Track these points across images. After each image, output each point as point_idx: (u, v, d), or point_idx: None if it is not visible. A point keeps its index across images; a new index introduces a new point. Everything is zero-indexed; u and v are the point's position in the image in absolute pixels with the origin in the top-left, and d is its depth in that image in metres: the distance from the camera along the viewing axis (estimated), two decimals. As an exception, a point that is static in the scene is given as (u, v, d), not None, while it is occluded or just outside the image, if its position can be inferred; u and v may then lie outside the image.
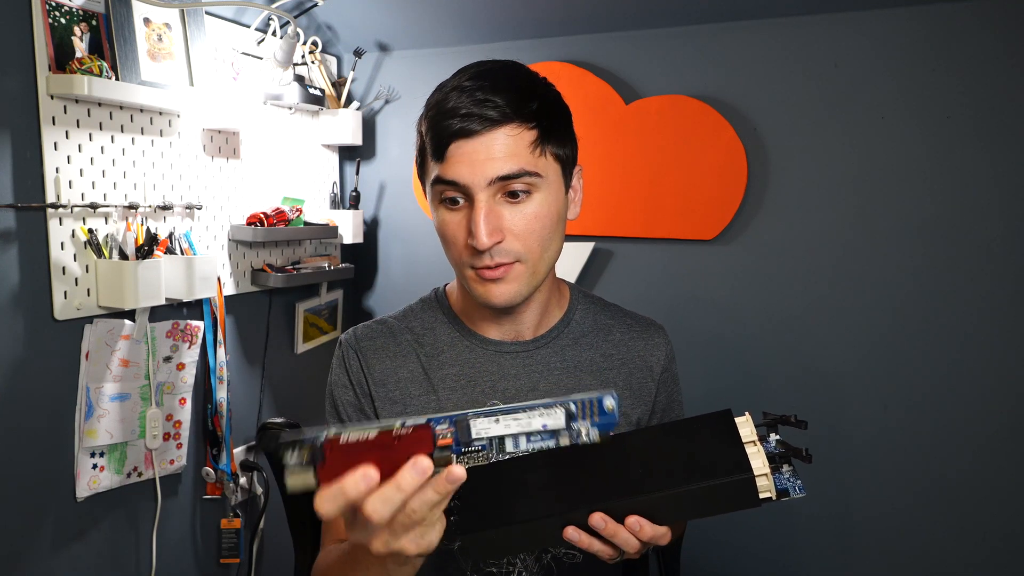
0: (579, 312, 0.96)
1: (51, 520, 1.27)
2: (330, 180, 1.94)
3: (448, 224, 0.81)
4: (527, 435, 0.57)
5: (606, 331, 0.96)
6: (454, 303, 0.95)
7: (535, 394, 0.89)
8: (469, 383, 0.90)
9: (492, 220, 0.77)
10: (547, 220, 0.81)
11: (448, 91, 0.79)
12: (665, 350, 0.97)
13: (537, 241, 0.81)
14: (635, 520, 0.66)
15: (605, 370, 0.93)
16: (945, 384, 1.47)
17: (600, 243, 1.73)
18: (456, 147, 0.77)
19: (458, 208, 0.80)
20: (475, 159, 0.76)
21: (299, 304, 1.83)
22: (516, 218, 0.79)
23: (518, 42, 1.78)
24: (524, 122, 0.78)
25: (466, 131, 0.76)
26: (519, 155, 0.77)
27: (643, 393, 0.94)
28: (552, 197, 0.81)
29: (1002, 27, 1.37)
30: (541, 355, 0.91)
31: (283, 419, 1.20)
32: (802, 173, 1.55)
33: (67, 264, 1.25)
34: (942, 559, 1.50)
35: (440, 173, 0.79)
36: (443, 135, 0.77)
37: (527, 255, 0.81)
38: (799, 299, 1.57)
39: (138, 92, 1.28)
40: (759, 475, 0.65)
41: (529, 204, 0.79)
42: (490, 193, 0.78)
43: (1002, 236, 1.40)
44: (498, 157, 0.76)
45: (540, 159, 0.79)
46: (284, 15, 1.56)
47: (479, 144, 0.76)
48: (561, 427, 0.57)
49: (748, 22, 1.55)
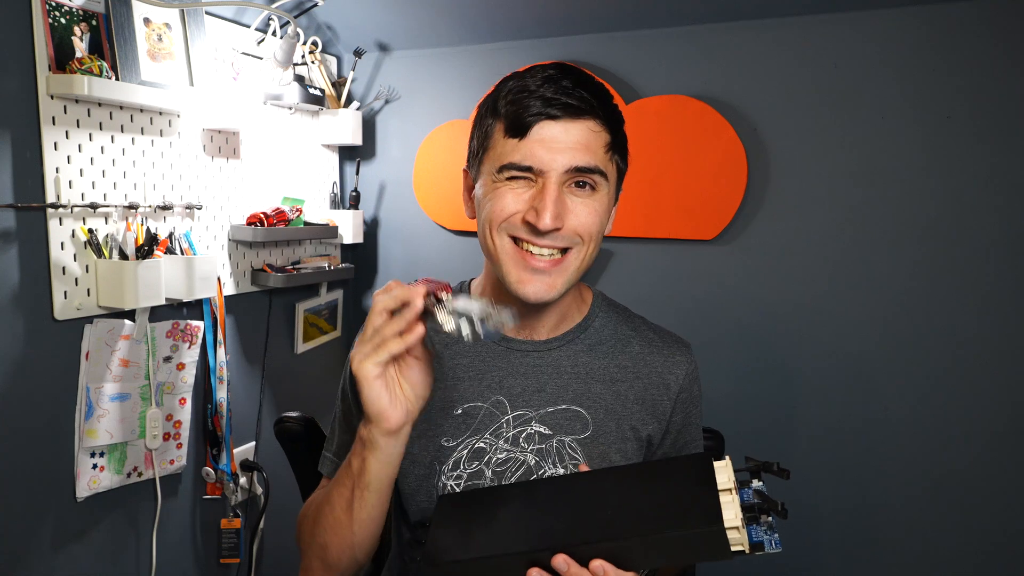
0: (599, 320, 0.95)
1: (51, 520, 1.27)
2: (330, 180, 1.94)
3: (504, 196, 0.81)
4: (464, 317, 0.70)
5: (624, 342, 0.94)
6: (477, 295, 0.95)
7: (541, 395, 0.89)
8: (477, 375, 0.90)
9: (560, 204, 0.79)
10: (602, 220, 0.83)
11: (531, 77, 0.80)
12: (686, 369, 0.94)
13: (589, 237, 0.82)
14: (599, 565, 0.65)
15: (618, 381, 0.91)
16: (945, 384, 1.47)
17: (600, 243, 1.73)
18: (540, 127, 0.78)
19: (520, 185, 0.80)
20: (556, 144, 0.78)
21: (299, 304, 1.83)
22: (578, 209, 0.81)
23: (518, 42, 1.78)
24: (604, 122, 0.81)
25: (552, 115, 0.78)
26: (596, 151, 0.80)
27: (657, 410, 0.92)
28: (609, 200, 0.84)
29: (1002, 27, 1.37)
30: (553, 357, 0.91)
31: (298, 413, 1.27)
32: (802, 173, 1.55)
33: (67, 264, 1.25)
34: (943, 558, 1.50)
35: (516, 155, 0.79)
36: (528, 112, 0.78)
37: (578, 248, 0.82)
38: (799, 299, 1.57)
39: (138, 92, 1.28)
40: (730, 528, 0.62)
41: (592, 200, 0.81)
42: (563, 180, 0.79)
43: (1002, 236, 1.40)
44: (581, 147, 0.78)
45: (610, 162, 0.82)
46: (284, 15, 1.56)
47: (562, 130, 0.78)
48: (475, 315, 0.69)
49: (748, 22, 1.55)
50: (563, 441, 0.89)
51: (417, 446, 0.90)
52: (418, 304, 0.70)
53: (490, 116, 0.84)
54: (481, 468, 0.88)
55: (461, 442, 0.89)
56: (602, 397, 0.90)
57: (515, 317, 0.74)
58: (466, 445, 0.89)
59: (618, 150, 0.84)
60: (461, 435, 0.89)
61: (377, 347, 0.70)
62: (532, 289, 0.81)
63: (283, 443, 1.26)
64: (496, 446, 0.88)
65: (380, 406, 0.72)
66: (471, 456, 0.89)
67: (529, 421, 0.89)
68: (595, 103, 0.79)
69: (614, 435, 0.89)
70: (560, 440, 0.89)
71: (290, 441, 1.25)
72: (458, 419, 0.90)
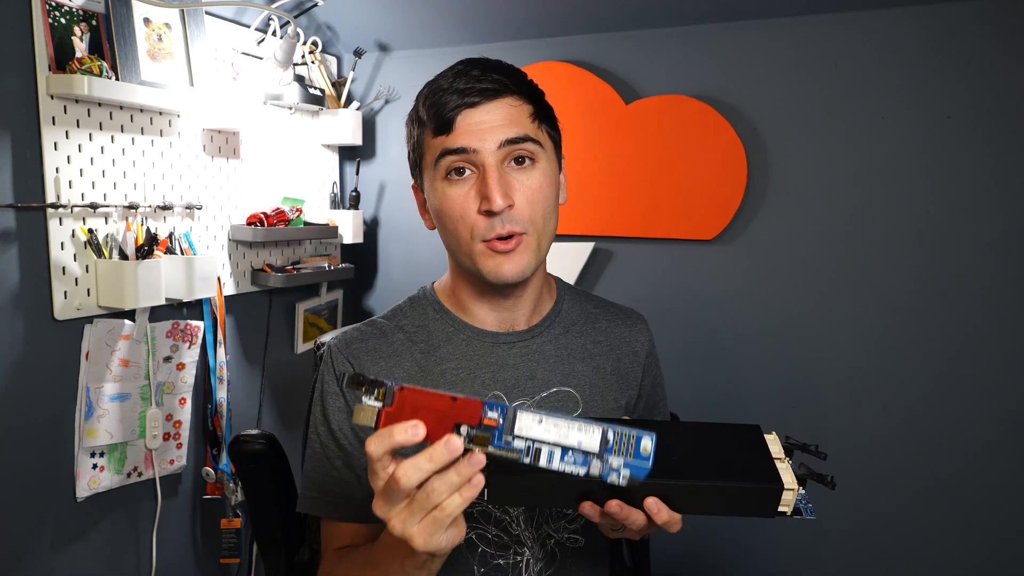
0: (567, 302, 0.98)
1: (51, 520, 1.27)
2: (330, 180, 1.94)
3: (455, 198, 0.83)
4: (562, 448, 0.57)
5: (593, 319, 0.98)
6: (446, 299, 0.95)
7: (533, 383, 0.90)
8: (469, 375, 0.90)
9: (504, 183, 0.81)
10: (549, 191, 0.85)
11: (442, 78, 0.84)
12: (648, 336, 1.01)
13: (541, 211, 0.84)
14: (654, 502, 0.66)
15: (596, 356, 0.95)
16: (945, 384, 1.47)
17: (600, 243, 1.73)
18: (463, 117, 0.81)
19: (465, 179, 0.82)
20: (482, 127, 0.81)
21: (299, 304, 1.83)
22: (523, 184, 0.82)
23: (518, 42, 1.78)
24: (522, 95, 0.84)
25: (471, 102, 0.81)
26: (522, 123, 0.82)
27: (631, 378, 0.97)
28: (551, 169, 0.86)
29: (1002, 27, 1.37)
30: (536, 344, 0.92)
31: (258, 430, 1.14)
32: (802, 173, 1.55)
33: (67, 264, 1.25)
34: (942, 559, 1.50)
35: (448, 144, 0.82)
36: (447, 108, 0.81)
37: (533, 226, 0.83)
38: (799, 299, 1.57)
39: (138, 92, 1.28)
40: (788, 489, 0.67)
41: (534, 172, 0.83)
42: (499, 158, 0.81)
43: (1002, 236, 1.40)
44: (506, 122, 0.81)
45: (539, 130, 0.85)
46: (284, 15, 1.56)
47: (484, 112, 0.81)
48: (595, 451, 0.56)
49: (748, 22, 1.55)
50: None
51: None
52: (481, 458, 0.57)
53: (416, 126, 0.88)
54: None
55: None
56: (585, 374, 0.93)
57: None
58: None
59: (544, 119, 0.86)
60: None
61: (436, 520, 0.58)
62: (509, 268, 0.83)
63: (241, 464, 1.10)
64: None
65: (450, 546, 0.62)
66: None
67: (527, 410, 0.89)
68: (508, 82, 0.82)
69: (600, 408, 0.92)
70: None
71: (250, 462, 1.09)
72: None
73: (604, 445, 0.56)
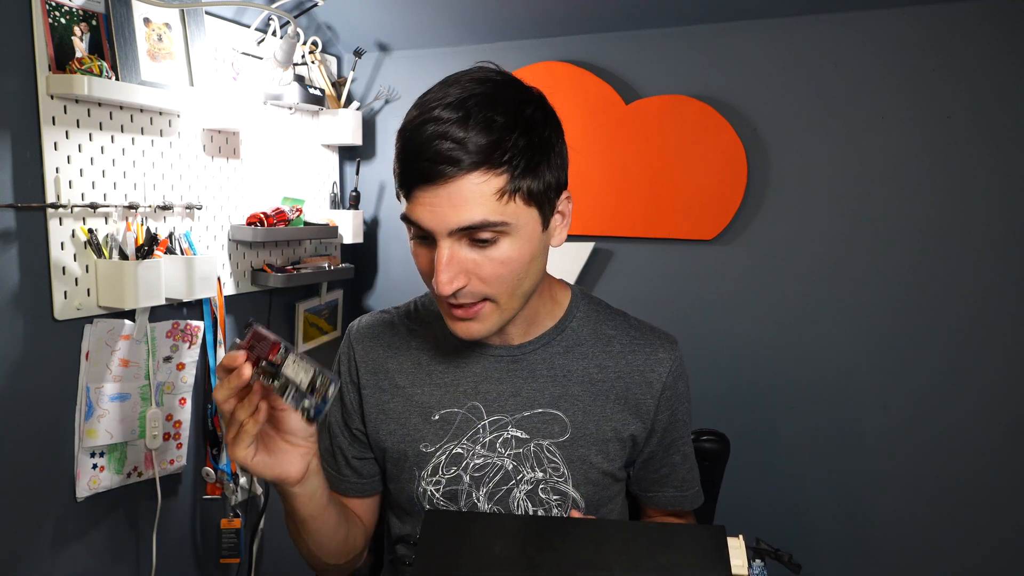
0: (577, 320, 0.93)
1: (51, 520, 1.27)
2: (330, 180, 1.94)
3: (418, 256, 0.80)
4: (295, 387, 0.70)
5: (605, 341, 0.92)
6: None
7: (516, 400, 0.89)
8: (453, 381, 0.91)
9: (453, 267, 0.75)
10: (516, 264, 0.77)
11: (421, 121, 0.74)
12: (670, 366, 0.91)
13: (505, 284, 0.78)
14: None
15: (599, 381, 0.90)
16: (945, 384, 1.47)
17: (600, 243, 1.73)
18: (420, 191, 0.74)
19: (427, 244, 0.78)
20: (437, 207, 0.73)
21: (299, 304, 1.82)
22: (482, 263, 0.76)
23: (518, 42, 1.78)
24: (493, 168, 0.73)
25: (429, 178, 0.73)
26: (484, 204, 0.73)
27: (640, 410, 0.90)
28: (523, 241, 0.77)
29: (1002, 27, 1.37)
30: (528, 361, 0.90)
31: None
32: (802, 173, 1.55)
33: (67, 264, 1.25)
34: (942, 559, 1.50)
35: (406, 212, 0.77)
36: (408, 176, 0.75)
37: (496, 296, 0.79)
38: (799, 299, 1.57)
39: (138, 92, 1.28)
40: None
41: (496, 250, 0.76)
42: (453, 240, 0.75)
43: (1002, 236, 1.40)
44: (461, 206, 0.73)
45: (508, 206, 0.74)
46: (284, 15, 1.56)
47: (443, 192, 0.73)
48: (305, 386, 0.70)
49: (748, 22, 1.55)
50: (541, 445, 0.88)
51: (397, 451, 0.91)
52: (246, 377, 0.68)
53: (395, 161, 0.79)
54: (459, 473, 0.89)
55: (439, 447, 0.89)
56: (580, 399, 0.89)
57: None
58: (444, 451, 0.89)
59: (528, 177, 0.75)
60: (439, 440, 0.90)
61: (237, 436, 0.71)
62: (463, 331, 0.82)
63: None
64: (473, 451, 0.89)
65: (274, 473, 0.76)
66: (449, 461, 0.89)
67: (505, 426, 0.89)
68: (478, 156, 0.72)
69: (594, 437, 0.89)
70: (538, 444, 0.88)
71: None
72: (436, 424, 0.90)
73: (311, 387, 0.70)
